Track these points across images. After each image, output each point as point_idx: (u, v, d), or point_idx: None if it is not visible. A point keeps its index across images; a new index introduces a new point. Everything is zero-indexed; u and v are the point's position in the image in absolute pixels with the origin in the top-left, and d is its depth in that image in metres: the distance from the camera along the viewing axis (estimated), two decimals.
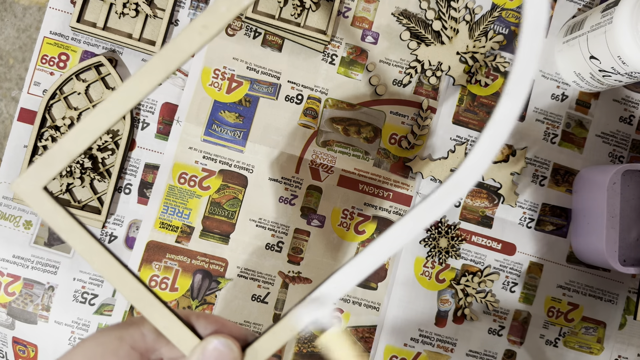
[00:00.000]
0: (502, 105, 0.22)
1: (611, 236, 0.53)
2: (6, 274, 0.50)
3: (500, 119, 0.22)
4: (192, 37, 0.22)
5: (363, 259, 0.23)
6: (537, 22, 0.21)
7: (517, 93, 0.22)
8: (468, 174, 0.22)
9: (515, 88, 0.22)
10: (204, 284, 0.52)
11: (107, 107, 0.23)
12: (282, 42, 0.53)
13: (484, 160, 0.22)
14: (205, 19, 0.22)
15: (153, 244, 0.52)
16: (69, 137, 0.23)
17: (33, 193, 0.23)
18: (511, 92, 0.22)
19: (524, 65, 0.22)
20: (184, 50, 0.22)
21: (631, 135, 0.58)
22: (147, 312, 0.24)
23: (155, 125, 0.52)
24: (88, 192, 0.50)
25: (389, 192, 0.55)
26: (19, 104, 0.50)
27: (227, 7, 0.22)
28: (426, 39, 0.54)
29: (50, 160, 0.23)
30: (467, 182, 0.22)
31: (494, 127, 0.22)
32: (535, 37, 0.21)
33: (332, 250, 0.54)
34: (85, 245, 0.23)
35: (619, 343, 0.58)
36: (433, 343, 0.55)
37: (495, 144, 0.22)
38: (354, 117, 0.54)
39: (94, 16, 0.50)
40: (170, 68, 0.22)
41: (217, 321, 0.26)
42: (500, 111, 0.22)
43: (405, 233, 0.23)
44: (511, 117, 0.22)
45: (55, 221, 0.23)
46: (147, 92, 0.23)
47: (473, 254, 0.56)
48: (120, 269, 0.24)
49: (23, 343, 0.50)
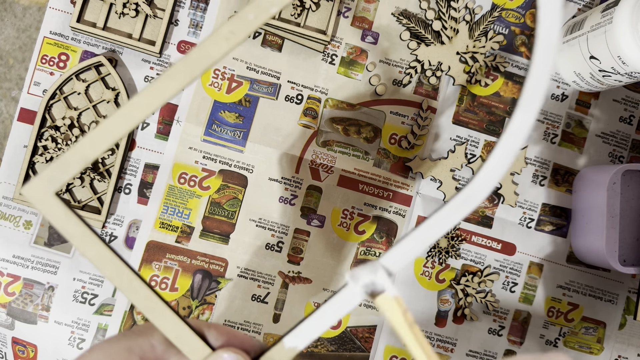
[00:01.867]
0: (516, 118, 0.22)
1: (611, 236, 0.53)
2: (6, 274, 0.50)
3: (514, 130, 0.22)
4: (219, 43, 0.22)
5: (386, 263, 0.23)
6: (551, 33, 0.21)
7: (530, 106, 0.22)
8: (480, 186, 0.22)
9: (528, 101, 0.22)
10: (204, 284, 0.52)
11: (128, 112, 0.22)
12: (282, 42, 0.53)
13: (497, 173, 0.22)
14: (233, 26, 0.22)
15: (153, 244, 0.52)
16: (85, 141, 0.22)
17: (44, 199, 0.22)
18: (525, 104, 0.22)
19: (537, 78, 0.22)
20: (210, 55, 0.22)
21: (631, 135, 0.58)
22: (159, 322, 0.23)
23: (155, 125, 0.52)
24: (88, 192, 0.50)
25: (389, 192, 0.55)
26: (19, 104, 0.50)
27: (255, 15, 0.22)
28: (426, 39, 0.54)
29: (65, 165, 0.22)
30: (478, 196, 0.22)
31: (507, 138, 0.22)
32: (549, 48, 0.21)
33: (332, 250, 0.54)
34: (96, 252, 0.23)
35: (619, 343, 0.58)
36: (433, 343, 0.55)
37: (508, 156, 0.22)
38: (354, 117, 0.54)
39: (94, 16, 0.50)
40: (195, 73, 0.22)
41: (228, 332, 0.25)
42: (514, 123, 0.22)
43: (419, 246, 0.23)
44: (525, 129, 0.22)
45: (66, 228, 0.22)
46: (170, 97, 0.22)
47: (473, 254, 0.56)
48: (133, 277, 0.23)
49: (23, 343, 0.50)
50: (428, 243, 0.23)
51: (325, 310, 0.23)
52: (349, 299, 0.23)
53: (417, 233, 0.23)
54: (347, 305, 0.23)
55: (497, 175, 0.22)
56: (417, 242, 0.23)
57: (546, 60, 0.21)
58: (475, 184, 0.22)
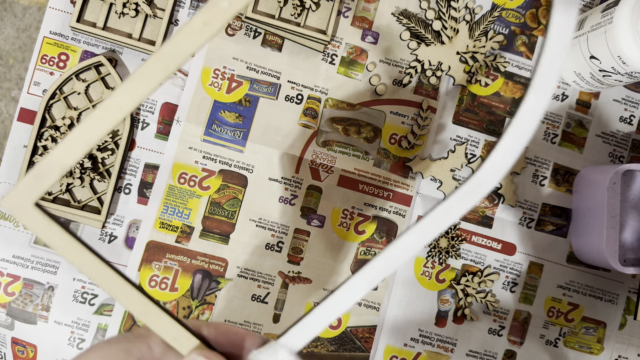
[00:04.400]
0: (528, 99, 0.20)
1: (611, 236, 0.53)
2: (6, 274, 0.50)
3: (526, 112, 0.20)
4: (193, 36, 0.20)
5: (390, 253, 0.22)
6: (569, 12, 0.20)
7: (544, 87, 0.20)
8: (492, 171, 0.21)
9: (542, 81, 0.20)
10: (204, 284, 0.52)
11: (101, 115, 0.21)
12: (282, 42, 0.53)
13: (509, 156, 0.21)
14: (206, 16, 0.20)
15: (153, 244, 0.52)
16: (60, 148, 0.21)
17: (24, 210, 0.21)
18: (538, 85, 0.20)
19: (551, 57, 0.20)
20: (184, 49, 0.21)
21: (631, 135, 0.58)
22: (154, 325, 0.23)
23: (155, 125, 0.52)
24: (88, 192, 0.50)
25: (389, 192, 0.55)
26: (19, 104, 0.50)
27: (229, 2, 0.20)
28: (426, 39, 0.54)
29: (40, 174, 0.21)
30: (490, 180, 0.21)
31: (520, 120, 0.20)
32: (566, 28, 0.20)
33: (332, 250, 0.54)
34: (83, 260, 0.22)
35: (619, 343, 0.58)
36: (433, 343, 0.55)
37: (521, 139, 0.20)
38: (354, 117, 0.54)
39: (93, 16, 0.50)
40: (169, 69, 0.21)
41: (228, 329, 0.25)
42: (526, 105, 0.20)
43: (426, 234, 0.22)
44: (538, 111, 0.20)
45: (49, 238, 0.22)
46: (145, 96, 0.21)
47: (473, 254, 0.56)
48: (123, 282, 0.23)
49: (22, 343, 0.50)
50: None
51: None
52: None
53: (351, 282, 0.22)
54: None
55: (503, 168, 0.21)
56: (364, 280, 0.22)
57: (561, 40, 0.20)
58: (482, 173, 0.21)
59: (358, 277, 0.22)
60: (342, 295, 0.22)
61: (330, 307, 0.22)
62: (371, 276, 0.22)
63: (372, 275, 0.22)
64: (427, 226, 0.22)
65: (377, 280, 0.22)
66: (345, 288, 0.22)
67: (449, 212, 0.21)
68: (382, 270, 0.22)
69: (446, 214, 0.21)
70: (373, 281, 0.22)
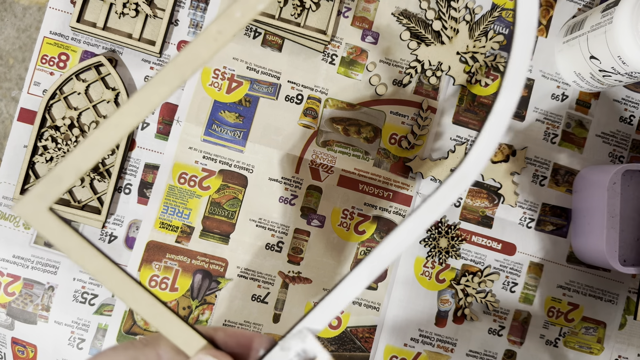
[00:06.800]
0: (500, 99, 0.24)
1: (611, 236, 0.53)
2: (6, 274, 0.50)
3: (499, 110, 0.24)
4: (208, 44, 0.22)
5: (385, 246, 0.23)
6: (530, 17, 0.23)
7: (513, 86, 0.24)
8: (473, 163, 0.23)
9: (511, 82, 0.24)
10: (204, 284, 0.52)
11: (119, 121, 0.22)
12: (282, 42, 0.53)
13: (487, 151, 0.23)
14: (221, 25, 0.22)
15: (153, 244, 0.52)
16: (77, 152, 0.22)
17: (39, 215, 0.22)
18: (508, 85, 0.24)
19: (518, 59, 0.24)
20: (200, 56, 0.22)
21: (631, 135, 0.58)
22: (165, 329, 0.23)
23: (155, 125, 0.52)
24: (88, 192, 0.50)
25: (389, 192, 0.55)
26: (19, 104, 0.50)
27: (241, 12, 0.22)
28: (426, 39, 0.54)
29: (57, 178, 0.21)
30: (473, 171, 0.23)
31: (494, 118, 0.24)
32: (528, 31, 0.23)
33: (332, 250, 0.54)
34: (96, 265, 0.22)
35: (619, 343, 0.58)
36: (433, 343, 0.55)
37: (496, 134, 0.24)
38: (354, 117, 0.54)
39: (94, 16, 0.50)
40: (185, 75, 0.22)
41: (236, 333, 0.25)
42: (499, 104, 0.24)
43: (418, 225, 0.23)
44: (509, 108, 0.24)
45: (64, 243, 0.22)
46: (161, 102, 0.22)
47: (473, 254, 0.56)
48: (135, 286, 0.23)
49: (22, 343, 0.50)
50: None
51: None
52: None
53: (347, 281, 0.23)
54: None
55: (482, 161, 0.23)
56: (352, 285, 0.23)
57: (526, 40, 0.23)
58: (463, 168, 0.23)
59: (376, 254, 0.23)
60: (361, 272, 0.23)
61: (351, 285, 0.23)
62: (390, 249, 0.23)
63: (392, 247, 0.23)
64: (425, 212, 0.24)
65: (398, 252, 0.23)
66: (365, 265, 0.23)
67: (443, 199, 0.23)
68: (397, 245, 0.23)
69: (441, 200, 0.23)
70: (391, 255, 0.23)
